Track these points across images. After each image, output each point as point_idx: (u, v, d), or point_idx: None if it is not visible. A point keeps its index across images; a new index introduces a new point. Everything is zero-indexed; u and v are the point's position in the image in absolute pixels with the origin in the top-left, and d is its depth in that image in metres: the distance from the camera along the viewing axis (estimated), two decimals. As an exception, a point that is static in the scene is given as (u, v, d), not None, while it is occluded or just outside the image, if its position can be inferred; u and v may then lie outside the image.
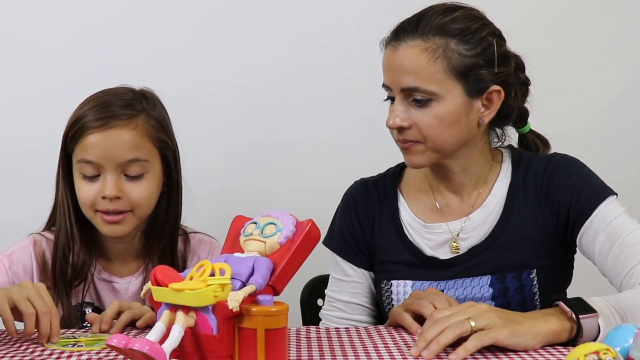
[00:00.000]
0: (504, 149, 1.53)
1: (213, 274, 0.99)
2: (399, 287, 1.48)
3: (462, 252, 1.46)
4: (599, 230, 1.37)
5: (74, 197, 1.50)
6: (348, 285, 1.55)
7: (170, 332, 0.96)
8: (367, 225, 1.54)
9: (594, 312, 1.17)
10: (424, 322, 1.21)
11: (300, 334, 1.28)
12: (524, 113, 1.52)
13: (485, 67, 1.38)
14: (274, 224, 1.06)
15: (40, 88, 2.10)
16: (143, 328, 1.32)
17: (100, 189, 1.45)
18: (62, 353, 1.16)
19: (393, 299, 1.49)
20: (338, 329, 1.34)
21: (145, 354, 0.90)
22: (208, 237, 1.64)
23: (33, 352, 1.17)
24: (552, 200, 1.43)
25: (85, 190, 1.47)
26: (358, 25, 2.15)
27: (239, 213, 1.13)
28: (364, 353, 1.15)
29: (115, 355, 1.13)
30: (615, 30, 2.26)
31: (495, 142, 1.52)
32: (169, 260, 1.55)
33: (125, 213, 1.47)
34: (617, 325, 1.10)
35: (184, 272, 1.02)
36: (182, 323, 0.97)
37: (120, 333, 1.09)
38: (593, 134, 2.22)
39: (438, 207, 1.50)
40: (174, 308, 0.98)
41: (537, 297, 1.43)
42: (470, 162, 1.46)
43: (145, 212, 1.51)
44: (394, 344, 1.21)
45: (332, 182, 1.78)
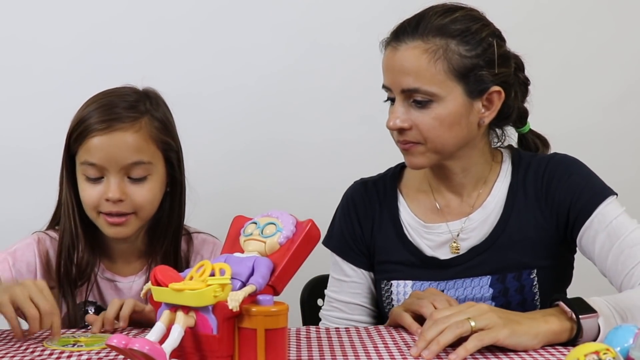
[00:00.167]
0: (504, 149, 1.53)
1: (213, 274, 0.99)
2: (399, 287, 1.48)
3: (462, 252, 1.46)
4: (599, 231, 1.37)
5: (78, 197, 1.50)
6: (348, 286, 1.55)
7: (170, 332, 0.96)
8: (367, 226, 1.54)
9: (594, 312, 1.17)
10: (424, 322, 1.21)
11: (300, 334, 1.28)
12: (524, 113, 1.52)
13: (486, 67, 1.37)
14: (274, 224, 1.06)
15: (40, 88, 2.10)
16: (143, 328, 1.32)
17: (104, 192, 1.45)
18: (62, 353, 1.16)
19: (393, 299, 1.49)
20: (338, 329, 1.34)
21: (145, 354, 0.90)
22: (211, 237, 1.64)
23: (33, 352, 1.17)
24: (552, 201, 1.43)
25: (89, 192, 1.47)
26: (358, 25, 2.15)
27: (239, 213, 1.14)
28: (364, 353, 1.15)
29: (115, 355, 1.13)
30: (615, 30, 2.26)
31: (495, 142, 1.52)
32: (172, 260, 1.55)
33: (129, 215, 1.47)
34: (617, 325, 1.10)
35: (184, 272, 1.02)
36: (182, 323, 0.97)
37: (120, 333, 1.09)
38: (593, 134, 2.22)
39: (438, 207, 1.50)
40: (174, 308, 0.98)
41: (537, 297, 1.43)
42: (471, 162, 1.46)
43: (149, 213, 1.51)
44: (394, 344, 1.21)
45: (332, 182, 1.78)
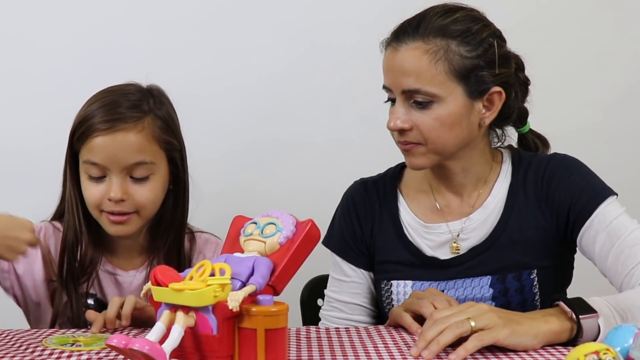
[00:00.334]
0: (504, 149, 1.53)
1: (213, 274, 0.99)
2: (399, 287, 1.48)
3: (462, 252, 1.46)
4: (599, 231, 1.37)
5: (81, 194, 1.51)
6: (347, 286, 1.55)
7: (170, 332, 0.96)
8: (366, 226, 1.53)
9: (594, 312, 1.17)
10: (424, 322, 1.21)
11: (300, 334, 1.28)
12: (524, 113, 1.52)
13: (486, 68, 1.37)
14: (274, 224, 1.06)
15: (40, 88, 2.10)
16: (143, 328, 1.32)
17: (106, 191, 1.46)
18: (62, 353, 1.16)
19: (393, 299, 1.49)
20: (338, 329, 1.34)
21: (145, 354, 0.90)
22: (214, 237, 1.64)
23: (33, 352, 1.17)
24: (552, 201, 1.43)
25: (92, 191, 1.47)
26: (358, 26, 2.15)
27: (239, 213, 1.13)
28: (364, 353, 1.15)
29: (115, 355, 1.13)
30: (615, 30, 2.26)
31: (495, 142, 1.52)
32: (175, 258, 1.55)
33: (131, 214, 1.47)
34: (617, 325, 1.10)
35: (184, 272, 1.02)
36: (182, 323, 0.97)
37: (120, 333, 1.09)
38: (593, 134, 2.22)
39: (438, 207, 1.50)
40: (174, 308, 0.98)
41: (537, 297, 1.43)
42: (471, 162, 1.46)
43: (151, 212, 1.51)
44: (394, 344, 1.21)
45: (332, 182, 1.78)
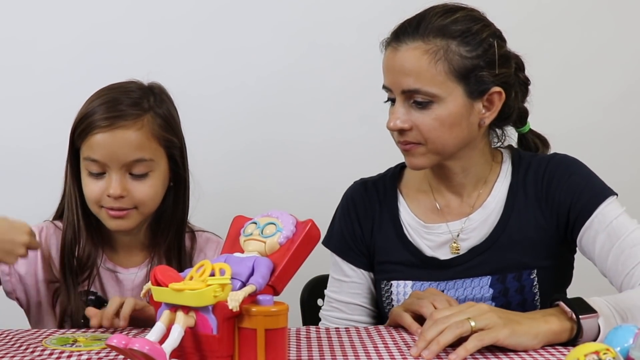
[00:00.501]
0: (504, 149, 1.53)
1: (213, 274, 0.99)
2: (399, 287, 1.48)
3: (462, 252, 1.46)
4: (599, 231, 1.37)
5: (81, 190, 1.51)
6: (347, 286, 1.55)
7: (170, 332, 0.96)
8: (366, 226, 1.53)
9: (594, 312, 1.17)
10: (424, 322, 1.21)
11: (300, 334, 1.28)
12: (524, 113, 1.52)
13: (486, 68, 1.37)
14: (274, 224, 1.06)
15: (40, 88, 2.10)
16: (143, 328, 1.32)
17: (105, 187, 1.46)
18: (62, 353, 1.16)
19: (393, 300, 1.49)
20: (338, 329, 1.34)
21: (145, 354, 0.90)
22: (215, 236, 1.64)
23: (33, 352, 1.17)
24: (552, 201, 1.43)
25: (91, 187, 1.48)
26: (358, 25, 2.15)
27: (239, 213, 1.13)
28: (364, 353, 1.15)
29: (115, 355, 1.13)
30: (615, 30, 2.26)
31: (495, 142, 1.52)
32: (176, 256, 1.55)
33: (130, 209, 1.48)
34: (617, 325, 1.10)
35: (184, 272, 1.02)
36: (182, 323, 0.97)
37: (120, 333, 1.09)
38: (593, 134, 2.22)
39: (438, 207, 1.50)
40: (174, 308, 0.98)
41: (537, 297, 1.43)
42: (471, 162, 1.46)
43: (150, 209, 1.51)
44: (394, 344, 1.21)
45: (332, 182, 1.78)
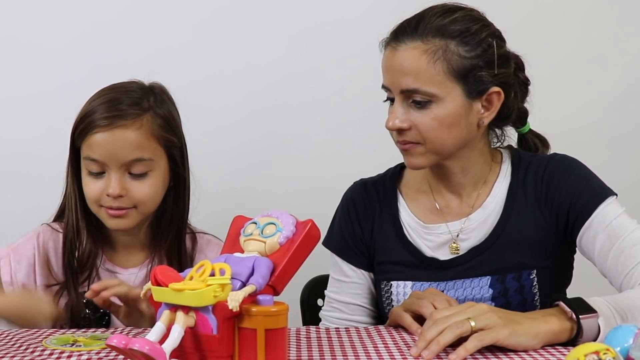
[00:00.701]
0: (504, 150, 1.53)
1: (213, 274, 0.99)
2: (399, 287, 1.48)
3: (461, 252, 1.46)
4: (599, 231, 1.37)
5: (82, 190, 1.52)
6: (347, 286, 1.55)
7: (170, 332, 0.96)
8: (366, 226, 1.53)
9: (594, 312, 1.17)
10: (424, 322, 1.21)
11: (300, 334, 1.28)
12: (524, 113, 1.52)
13: (485, 68, 1.37)
14: (274, 224, 1.06)
15: (40, 88, 2.10)
16: (143, 328, 1.32)
17: (105, 187, 1.47)
18: (62, 353, 1.16)
19: (393, 300, 1.49)
20: (338, 329, 1.34)
21: (145, 354, 0.90)
22: (216, 239, 1.64)
23: (33, 352, 1.17)
24: (551, 201, 1.43)
25: (91, 187, 1.48)
26: (358, 25, 2.15)
27: (239, 213, 1.13)
28: (364, 353, 1.15)
29: (115, 355, 1.13)
30: (615, 30, 2.26)
31: (495, 142, 1.52)
32: (176, 256, 1.55)
33: (129, 209, 1.48)
34: (617, 325, 1.10)
35: (184, 272, 1.02)
36: (182, 323, 0.97)
37: (120, 333, 1.09)
38: (593, 134, 2.22)
39: (438, 207, 1.50)
40: (174, 308, 0.98)
41: (537, 297, 1.43)
42: (470, 162, 1.46)
43: (150, 208, 1.51)
44: (394, 344, 1.21)
45: (332, 182, 1.78)
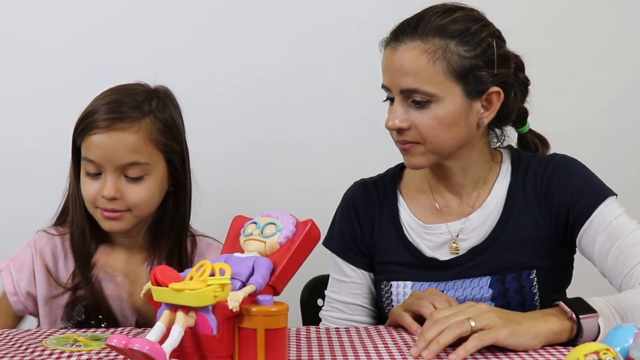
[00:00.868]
0: (504, 150, 1.53)
1: (213, 274, 0.99)
2: (399, 288, 1.48)
3: (461, 252, 1.46)
4: (599, 231, 1.37)
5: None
6: (348, 286, 1.55)
7: (170, 332, 0.96)
8: (366, 226, 1.53)
9: (594, 312, 1.17)
10: (424, 322, 1.21)
11: (300, 334, 1.28)
12: (524, 113, 1.52)
13: (485, 68, 1.37)
14: (274, 224, 1.06)
15: (40, 88, 2.11)
16: (143, 328, 1.32)
17: (100, 188, 1.46)
18: (62, 353, 1.16)
19: (393, 300, 1.49)
20: (338, 329, 1.34)
21: (145, 354, 0.90)
22: (216, 242, 1.63)
23: (33, 352, 1.17)
24: (551, 201, 1.43)
25: (88, 187, 1.48)
26: (358, 25, 2.16)
27: (239, 213, 1.13)
28: (364, 353, 1.15)
29: (115, 355, 1.13)
30: (616, 30, 2.26)
31: (495, 142, 1.52)
32: (177, 260, 1.55)
33: (124, 212, 1.48)
34: (617, 325, 1.10)
35: (184, 272, 1.02)
36: (182, 323, 0.97)
37: (120, 333, 1.09)
38: (593, 134, 2.23)
39: (437, 207, 1.50)
40: (174, 308, 0.98)
41: (537, 297, 1.43)
42: (470, 162, 1.46)
43: (145, 212, 1.51)
44: (394, 344, 1.21)
45: (332, 182, 1.78)
